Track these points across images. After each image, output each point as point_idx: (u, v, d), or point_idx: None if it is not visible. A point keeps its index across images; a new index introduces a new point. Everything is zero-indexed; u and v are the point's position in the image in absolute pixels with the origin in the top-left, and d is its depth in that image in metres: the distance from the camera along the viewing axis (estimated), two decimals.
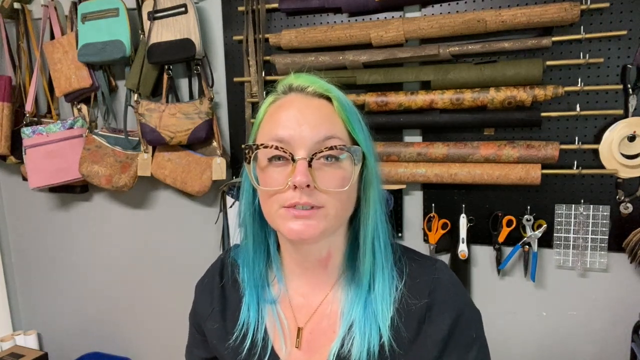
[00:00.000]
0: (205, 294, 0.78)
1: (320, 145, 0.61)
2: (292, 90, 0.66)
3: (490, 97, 1.28)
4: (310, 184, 0.59)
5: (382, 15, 1.41)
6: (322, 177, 0.61)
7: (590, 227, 1.32)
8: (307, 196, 0.60)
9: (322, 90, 0.64)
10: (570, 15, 1.19)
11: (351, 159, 0.63)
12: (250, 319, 0.71)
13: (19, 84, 1.84)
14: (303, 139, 0.61)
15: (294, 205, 0.60)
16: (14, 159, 1.85)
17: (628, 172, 1.26)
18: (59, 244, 2.03)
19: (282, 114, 0.63)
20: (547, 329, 1.42)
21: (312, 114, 0.62)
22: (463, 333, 0.67)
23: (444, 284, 0.68)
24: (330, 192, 0.61)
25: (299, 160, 0.60)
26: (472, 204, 1.42)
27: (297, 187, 0.59)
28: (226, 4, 1.56)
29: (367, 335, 0.65)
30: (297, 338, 0.70)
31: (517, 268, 1.42)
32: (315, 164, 0.61)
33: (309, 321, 0.70)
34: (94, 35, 1.63)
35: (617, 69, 1.24)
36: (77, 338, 2.08)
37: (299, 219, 0.61)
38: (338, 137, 0.62)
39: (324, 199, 0.61)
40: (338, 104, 0.64)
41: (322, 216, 0.61)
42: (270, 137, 0.62)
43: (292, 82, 0.66)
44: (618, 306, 1.34)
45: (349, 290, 0.68)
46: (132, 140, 1.71)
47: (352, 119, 0.64)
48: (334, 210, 0.62)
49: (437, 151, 1.36)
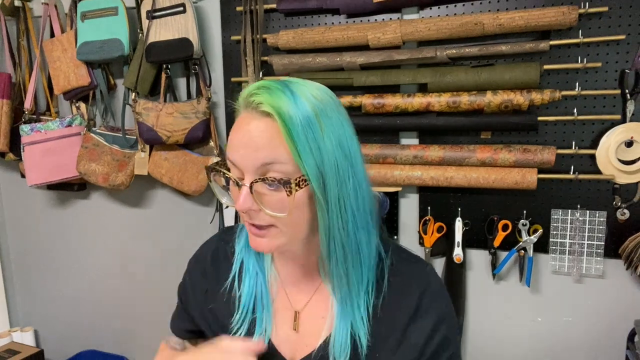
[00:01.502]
0: (198, 271, 0.81)
1: (262, 169, 0.60)
2: (247, 105, 0.62)
3: (487, 101, 1.28)
4: (253, 208, 0.61)
5: (380, 17, 1.40)
6: (267, 201, 0.61)
7: (587, 232, 1.31)
8: (254, 218, 0.63)
9: (267, 107, 0.59)
10: (568, 19, 1.19)
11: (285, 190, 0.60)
12: (247, 301, 0.74)
13: (19, 82, 1.85)
14: (246, 163, 0.60)
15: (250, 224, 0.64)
16: (13, 156, 1.86)
17: (625, 178, 1.25)
18: (57, 241, 2.04)
19: (233, 134, 0.62)
20: (542, 334, 1.41)
21: (254, 136, 0.59)
22: (442, 336, 0.70)
23: (431, 287, 0.71)
24: (272, 215, 0.61)
25: (242, 186, 0.61)
26: (467, 208, 1.41)
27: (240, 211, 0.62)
28: (224, 4, 1.56)
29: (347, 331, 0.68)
30: (295, 321, 0.73)
31: (513, 273, 1.41)
32: (259, 187, 0.61)
33: (306, 306, 0.74)
34: (93, 33, 1.63)
35: (615, 73, 1.23)
36: (73, 335, 2.08)
37: (254, 235, 0.65)
38: (280, 161, 0.59)
39: (271, 220, 0.62)
40: (280, 124, 0.58)
41: (275, 234, 0.64)
42: (228, 157, 0.64)
43: (246, 95, 0.62)
44: (613, 313, 1.33)
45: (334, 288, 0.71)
46: (129, 139, 1.71)
47: (298, 140, 0.58)
48: (287, 228, 0.63)
49: (433, 154, 1.35)
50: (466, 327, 1.48)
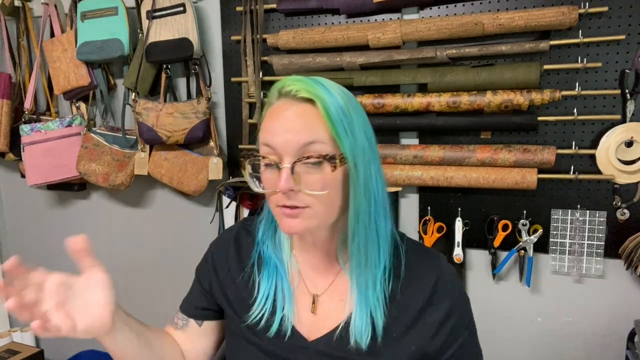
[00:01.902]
0: (221, 252, 0.85)
1: (303, 150, 0.65)
2: (281, 96, 0.69)
3: (487, 101, 1.28)
4: (295, 188, 0.65)
5: (380, 17, 1.40)
6: (306, 181, 0.66)
7: (587, 232, 1.31)
8: (292, 199, 0.66)
9: (308, 94, 0.66)
10: (569, 19, 1.19)
11: (330, 165, 0.65)
12: (267, 290, 0.77)
13: (19, 82, 1.85)
14: (287, 145, 0.65)
15: (282, 206, 0.67)
16: (13, 156, 1.86)
17: (625, 178, 1.25)
18: (57, 241, 2.03)
19: (271, 122, 0.68)
20: (542, 334, 1.41)
21: (295, 120, 0.66)
22: (457, 318, 0.75)
23: (446, 275, 0.77)
24: (313, 195, 0.66)
25: (282, 167, 0.65)
26: (467, 208, 1.41)
27: (282, 192, 0.65)
28: (224, 4, 1.56)
29: (367, 313, 0.72)
30: (313, 304, 0.77)
31: (513, 273, 1.41)
32: (300, 168, 0.65)
33: (325, 291, 0.78)
34: (93, 33, 1.63)
35: (615, 73, 1.23)
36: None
37: (288, 217, 0.67)
38: (321, 141, 0.65)
39: (309, 200, 0.66)
40: (321, 107, 0.65)
41: (308, 215, 0.67)
42: (263, 143, 0.68)
43: (281, 86, 0.69)
44: (613, 313, 1.33)
45: (352, 271, 0.75)
46: (129, 139, 1.71)
47: (336, 122, 0.65)
48: (321, 209, 0.67)
49: (433, 154, 1.35)
50: None
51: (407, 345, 0.73)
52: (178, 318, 0.87)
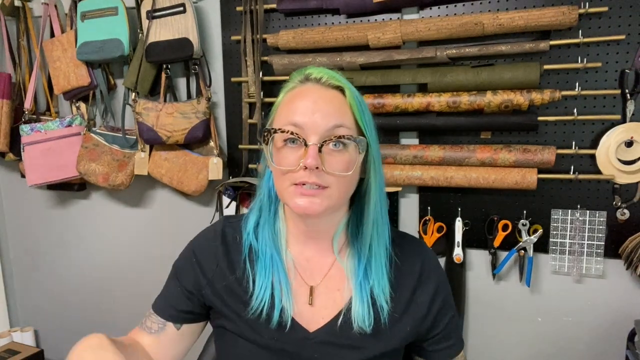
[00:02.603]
0: (206, 250, 0.83)
1: (330, 132, 0.69)
2: (308, 80, 0.73)
3: (487, 101, 1.28)
4: (319, 167, 0.67)
5: (380, 17, 1.40)
6: (330, 161, 0.69)
7: (587, 232, 1.31)
8: (315, 176, 0.68)
9: (336, 82, 0.72)
10: (569, 19, 1.18)
11: (356, 147, 0.70)
12: (264, 284, 0.77)
13: (19, 82, 1.85)
14: (315, 126, 0.68)
15: (303, 183, 0.68)
16: (13, 156, 1.86)
17: (625, 178, 1.25)
18: (57, 241, 2.04)
19: (299, 102, 0.70)
20: (542, 334, 1.41)
21: (325, 103, 0.70)
22: (443, 297, 0.82)
23: (429, 257, 0.84)
24: (335, 175, 0.69)
25: (310, 145, 0.67)
26: (467, 208, 1.41)
27: (308, 168, 0.67)
28: (224, 4, 1.56)
29: (367, 298, 0.76)
30: (310, 295, 0.78)
31: (513, 273, 1.41)
32: (325, 149, 0.68)
33: (321, 281, 0.79)
34: (93, 33, 1.63)
35: (615, 73, 1.23)
36: (73, 335, 2.07)
37: (306, 196, 0.69)
38: (346, 126, 0.70)
39: (330, 180, 0.69)
40: (350, 96, 0.71)
41: (326, 196, 0.69)
42: (287, 122, 0.70)
43: (310, 72, 0.74)
44: (613, 313, 1.33)
45: (353, 258, 0.79)
46: (129, 139, 1.71)
47: (360, 110, 0.72)
48: (337, 191, 0.70)
49: (433, 154, 1.35)
50: (466, 327, 1.48)
51: (405, 326, 0.78)
52: (152, 322, 0.84)
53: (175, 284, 0.85)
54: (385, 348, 0.76)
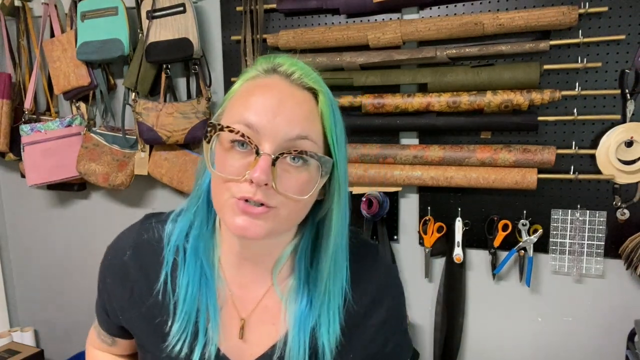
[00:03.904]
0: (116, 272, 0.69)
1: (290, 143, 0.55)
2: (275, 72, 0.59)
3: (487, 101, 1.28)
4: (269, 183, 0.53)
5: (380, 16, 1.40)
6: (284, 179, 0.55)
7: (587, 232, 1.31)
8: (262, 194, 0.54)
9: (310, 81, 0.58)
10: (569, 19, 1.19)
11: (319, 168, 0.57)
12: (190, 309, 0.64)
13: (19, 82, 1.85)
14: (274, 132, 0.54)
15: (246, 199, 0.54)
16: (13, 156, 1.86)
17: (625, 178, 1.25)
18: (57, 241, 2.04)
19: (259, 97, 0.56)
20: (542, 334, 1.41)
21: (291, 106, 0.55)
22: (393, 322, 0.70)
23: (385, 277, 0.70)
24: (287, 196, 0.55)
25: (263, 154, 0.53)
26: (467, 208, 1.41)
27: (255, 182, 0.53)
28: (224, 4, 1.56)
29: (305, 340, 0.63)
30: (241, 329, 0.66)
31: (513, 273, 1.41)
32: (280, 162, 0.55)
33: (252, 313, 0.66)
34: (93, 33, 1.63)
35: (615, 73, 1.23)
36: (73, 335, 2.08)
37: (247, 214, 0.55)
38: (312, 139, 0.56)
39: (279, 201, 0.55)
40: (323, 102, 0.58)
41: (271, 217, 0.56)
42: (240, 119, 0.55)
43: (279, 62, 0.59)
44: (613, 313, 1.33)
45: (296, 292, 0.65)
46: (129, 139, 1.71)
47: (333, 121, 0.58)
48: (287, 214, 0.57)
49: (433, 154, 1.35)
50: (466, 327, 1.48)
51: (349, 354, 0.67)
52: (105, 335, 0.76)
53: (101, 302, 0.73)
54: None
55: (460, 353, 1.48)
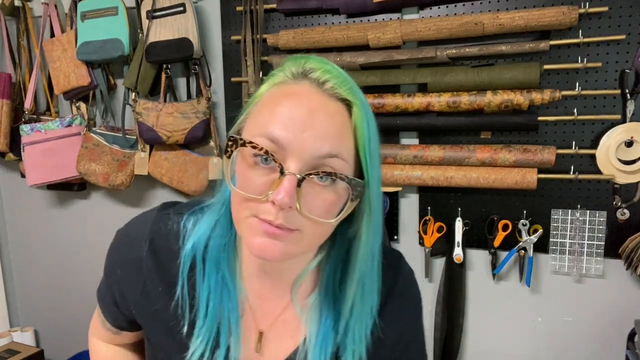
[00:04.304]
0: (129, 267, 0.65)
1: (318, 161, 0.50)
2: (306, 78, 0.53)
3: (487, 101, 1.28)
4: (293, 206, 0.49)
5: (380, 16, 1.40)
6: (309, 200, 0.51)
7: (587, 232, 1.31)
8: (283, 218, 0.50)
9: (345, 92, 0.52)
10: (569, 19, 1.19)
11: (348, 189, 0.52)
12: (210, 318, 0.60)
13: (19, 81, 1.85)
14: (301, 148, 0.49)
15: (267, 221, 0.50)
16: (13, 156, 1.86)
17: (625, 178, 1.25)
18: (57, 241, 2.04)
19: (286, 108, 0.50)
20: (542, 334, 1.41)
21: (322, 120, 0.50)
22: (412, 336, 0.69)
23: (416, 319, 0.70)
24: (311, 219, 0.51)
25: (288, 175, 0.48)
26: (467, 208, 1.41)
27: (277, 205, 0.49)
28: (224, 4, 1.56)
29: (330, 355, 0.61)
30: (258, 342, 0.63)
31: (513, 273, 1.41)
32: (306, 182, 0.50)
33: (271, 325, 0.64)
34: (93, 33, 1.63)
35: (615, 73, 1.23)
36: (73, 335, 2.08)
37: (268, 236, 0.51)
38: (343, 157, 0.51)
39: (303, 224, 0.51)
40: (358, 116, 0.52)
41: (294, 240, 0.52)
42: (264, 132, 0.50)
43: (311, 67, 0.53)
44: (613, 313, 1.33)
45: (317, 310, 0.62)
46: (129, 139, 1.71)
47: (367, 138, 0.52)
48: (310, 237, 0.53)
49: (433, 154, 1.35)
50: (466, 327, 1.48)
51: None
52: (110, 325, 0.73)
53: (109, 292, 0.69)
54: None
55: (460, 353, 1.48)
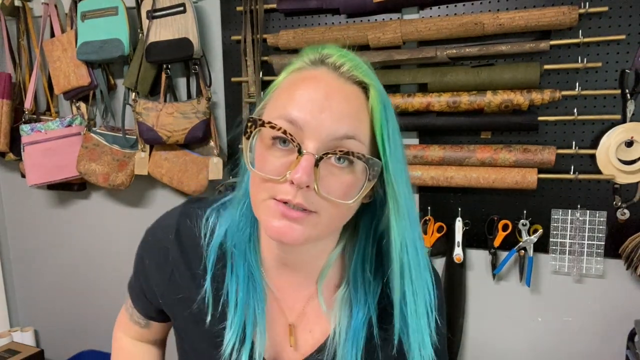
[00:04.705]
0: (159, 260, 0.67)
1: (336, 143, 0.51)
2: (323, 64, 0.55)
3: (487, 101, 1.28)
4: (311, 185, 0.50)
5: (380, 16, 1.40)
6: (327, 181, 0.52)
7: (587, 232, 1.31)
8: (302, 197, 0.51)
9: (361, 75, 0.54)
10: (569, 19, 1.19)
11: (366, 170, 0.53)
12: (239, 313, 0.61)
13: (19, 81, 1.85)
14: (319, 129, 0.50)
15: (285, 201, 0.51)
16: (13, 156, 1.86)
17: (625, 178, 1.25)
18: (57, 241, 2.04)
19: (304, 90, 0.52)
20: (542, 334, 1.41)
21: (339, 102, 0.52)
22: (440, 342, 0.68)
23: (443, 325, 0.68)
24: (330, 200, 0.52)
25: (305, 154, 0.50)
26: (468, 208, 1.41)
27: (295, 184, 0.50)
28: (225, 4, 1.56)
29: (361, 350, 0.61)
30: (291, 335, 0.64)
31: (513, 273, 1.41)
32: (324, 163, 0.51)
33: (298, 318, 0.65)
34: (93, 33, 1.63)
35: (615, 73, 1.23)
36: (73, 335, 2.08)
37: (285, 219, 0.52)
38: (360, 139, 0.52)
39: (321, 205, 0.52)
40: (375, 97, 0.53)
41: (312, 223, 0.52)
42: (282, 114, 0.52)
43: (328, 53, 0.55)
44: (613, 313, 1.33)
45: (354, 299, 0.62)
46: (129, 139, 1.71)
47: (384, 119, 0.53)
48: (328, 220, 0.54)
49: (433, 154, 1.35)
50: (466, 327, 1.48)
51: None
52: (138, 316, 0.75)
53: (137, 284, 0.72)
54: None
55: (460, 353, 1.48)
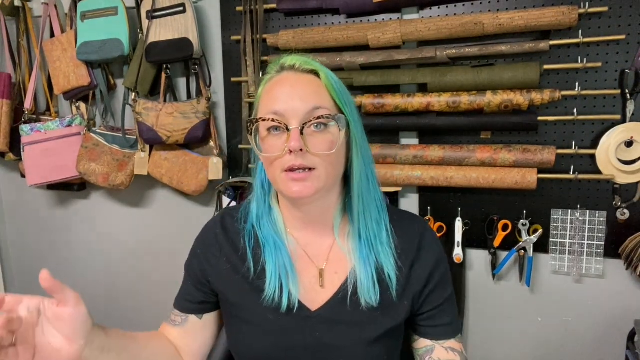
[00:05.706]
0: (212, 245, 0.85)
1: (309, 115, 0.71)
2: (284, 69, 0.76)
3: (487, 101, 1.28)
4: (303, 148, 0.70)
5: (380, 16, 1.40)
6: (313, 143, 0.71)
7: (587, 232, 1.31)
8: (301, 159, 0.70)
9: (310, 66, 0.75)
10: (569, 19, 1.18)
11: (337, 125, 0.73)
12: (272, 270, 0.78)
13: (19, 82, 1.85)
14: (295, 110, 0.71)
15: (291, 168, 0.71)
16: (13, 156, 1.86)
17: (625, 178, 1.25)
18: (57, 241, 2.04)
19: (277, 90, 0.73)
20: (542, 334, 1.41)
21: (301, 88, 0.73)
22: (440, 273, 0.82)
23: (428, 233, 0.84)
24: (320, 155, 0.71)
25: (292, 129, 0.70)
26: (467, 208, 1.41)
27: (292, 151, 0.69)
28: (224, 4, 1.56)
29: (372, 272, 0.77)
30: (321, 277, 0.80)
31: (513, 273, 1.41)
32: (307, 131, 0.71)
33: (326, 263, 0.81)
34: (93, 33, 1.63)
35: (615, 73, 1.23)
36: None
37: (297, 181, 0.71)
38: (325, 107, 0.72)
39: (316, 161, 0.71)
40: (325, 77, 0.74)
41: (315, 178, 0.72)
42: (268, 111, 0.72)
43: (284, 61, 0.77)
44: (613, 313, 1.33)
45: (354, 237, 0.80)
46: (129, 139, 1.71)
47: (337, 90, 0.74)
48: (325, 171, 0.73)
49: (433, 154, 1.35)
50: (466, 327, 1.48)
51: (404, 301, 0.79)
52: (175, 315, 0.87)
53: (186, 280, 0.88)
54: (391, 324, 0.77)
55: None
